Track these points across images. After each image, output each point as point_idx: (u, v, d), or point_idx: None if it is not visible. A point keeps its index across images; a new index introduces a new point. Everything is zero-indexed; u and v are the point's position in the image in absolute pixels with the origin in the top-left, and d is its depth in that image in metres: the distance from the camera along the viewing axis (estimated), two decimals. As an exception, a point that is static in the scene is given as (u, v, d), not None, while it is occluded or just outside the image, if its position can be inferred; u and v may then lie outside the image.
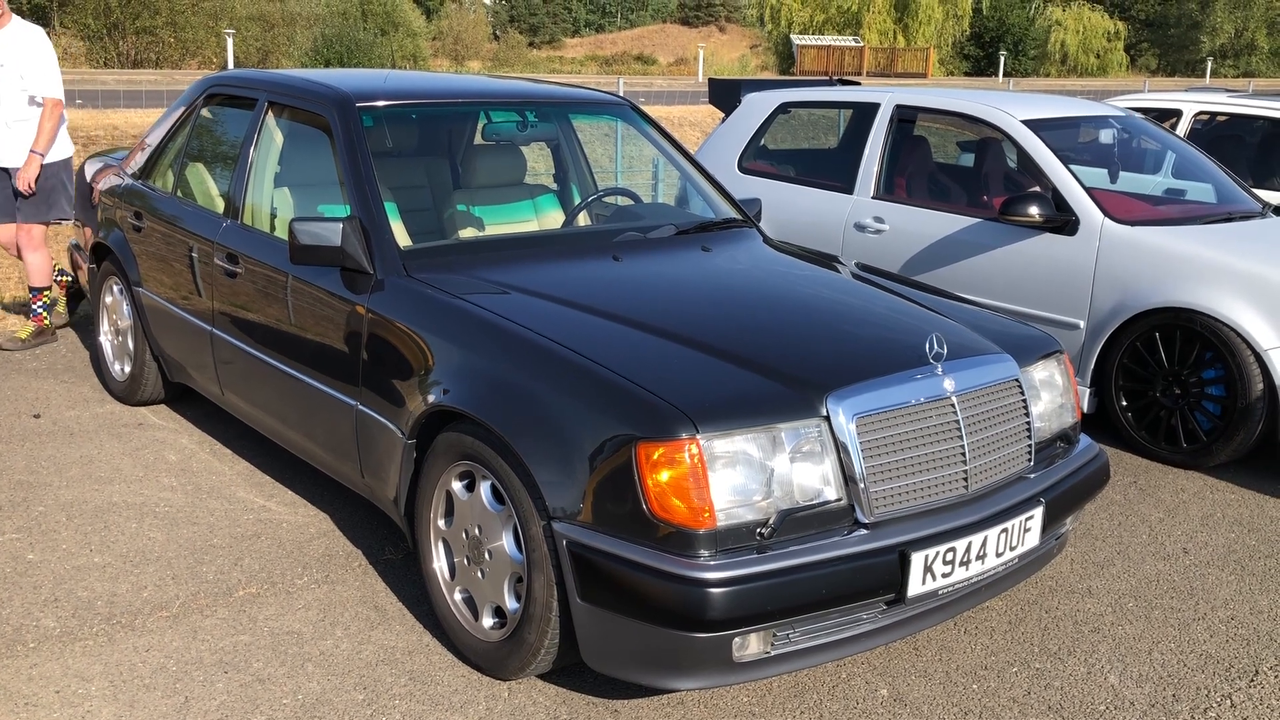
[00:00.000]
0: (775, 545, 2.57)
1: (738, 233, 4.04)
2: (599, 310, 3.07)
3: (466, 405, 2.89)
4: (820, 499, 2.65)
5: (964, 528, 2.78)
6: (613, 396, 2.65)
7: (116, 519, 3.86)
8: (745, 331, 3.01)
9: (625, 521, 2.57)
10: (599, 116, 4.69)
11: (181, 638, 3.11)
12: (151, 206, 4.64)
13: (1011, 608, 3.40)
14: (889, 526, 2.70)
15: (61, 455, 4.41)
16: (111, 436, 4.63)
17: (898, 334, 3.07)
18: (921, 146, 5.93)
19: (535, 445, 2.72)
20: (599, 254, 3.59)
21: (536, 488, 2.70)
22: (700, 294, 3.32)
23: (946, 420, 2.82)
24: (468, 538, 2.98)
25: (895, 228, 5.51)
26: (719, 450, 2.56)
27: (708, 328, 3.00)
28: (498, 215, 4.36)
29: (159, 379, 4.83)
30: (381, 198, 3.52)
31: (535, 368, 2.82)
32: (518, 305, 3.13)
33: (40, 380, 5.36)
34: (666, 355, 2.83)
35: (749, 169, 6.30)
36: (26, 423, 4.77)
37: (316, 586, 3.42)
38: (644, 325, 2.98)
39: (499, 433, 2.78)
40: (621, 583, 2.56)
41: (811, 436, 2.66)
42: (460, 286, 3.25)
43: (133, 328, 4.83)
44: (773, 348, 2.90)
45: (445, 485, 3.04)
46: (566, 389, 2.73)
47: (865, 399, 2.71)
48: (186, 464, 4.36)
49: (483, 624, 2.96)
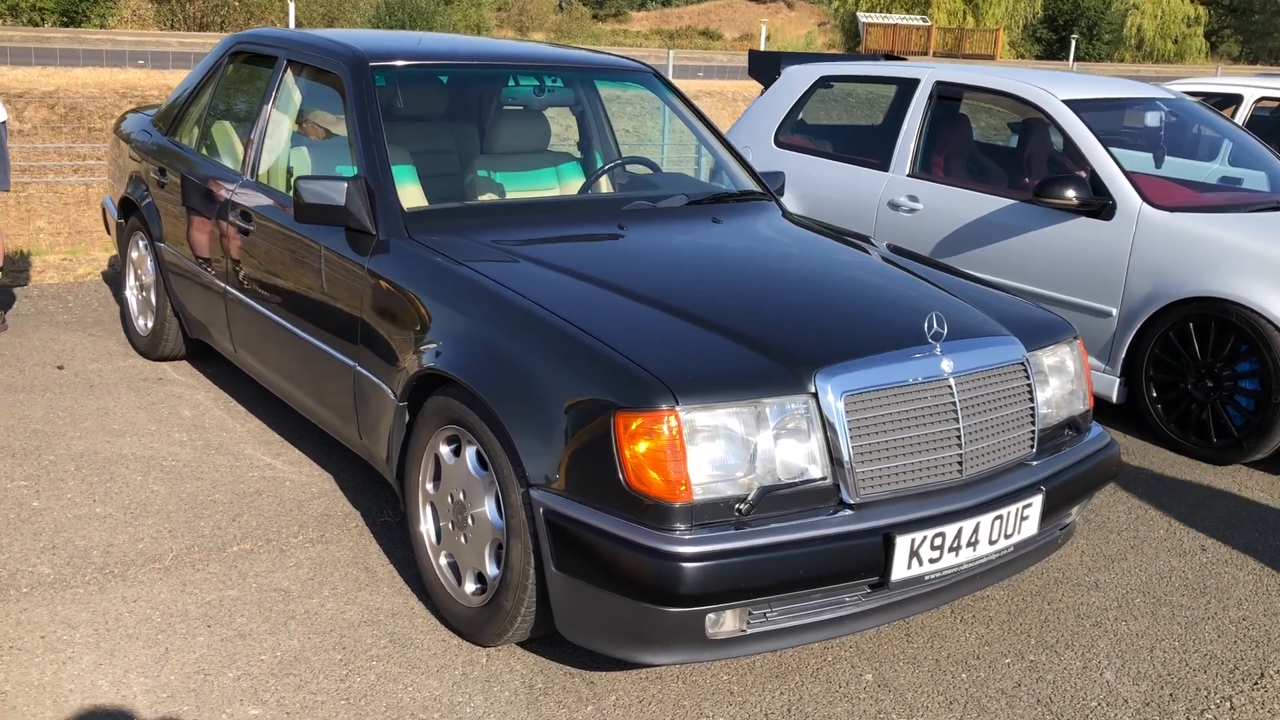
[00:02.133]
0: (754, 522, 2.52)
1: (754, 205, 3.96)
2: (593, 278, 3.02)
3: (453, 368, 2.86)
4: (804, 477, 2.58)
5: (956, 513, 2.70)
6: (594, 364, 2.60)
7: (123, 471, 3.89)
8: (739, 304, 2.94)
9: (602, 491, 2.52)
10: (622, 83, 4.61)
11: (170, 590, 3.12)
12: (174, 163, 4.65)
13: (1013, 597, 3.31)
14: (875, 508, 2.63)
15: (79, 406, 4.46)
16: (130, 390, 4.67)
17: (898, 312, 2.98)
18: (962, 125, 5.79)
19: (517, 411, 2.68)
20: (604, 222, 3.54)
21: (516, 454, 2.67)
22: (700, 265, 3.25)
23: (942, 402, 2.74)
24: (453, 502, 2.95)
25: (929, 207, 5.38)
26: (699, 423, 2.50)
27: (701, 299, 2.93)
28: (519, 182, 4.32)
29: (179, 335, 4.87)
30: (388, 158, 3.49)
31: (521, 333, 2.78)
32: (513, 270, 3.09)
33: (68, 332, 5.43)
34: (655, 325, 2.77)
35: (785, 143, 6.20)
36: (49, 374, 4.83)
37: (310, 545, 3.42)
38: (636, 294, 2.92)
39: (482, 397, 2.74)
40: (595, 553, 2.52)
41: (797, 413, 2.59)
42: (458, 250, 3.21)
43: (155, 283, 4.86)
44: (765, 322, 2.83)
45: (433, 449, 3.02)
46: (549, 355, 2.68)
47: (854, 377, 2.64)
48: (200, 420, 4.39)
49: (465, 589, 2.94)
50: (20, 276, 6.50)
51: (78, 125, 11.44)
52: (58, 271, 6.69)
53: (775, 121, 6.27)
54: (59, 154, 10.59)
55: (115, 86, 12.60)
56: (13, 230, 9.17)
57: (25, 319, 5.61)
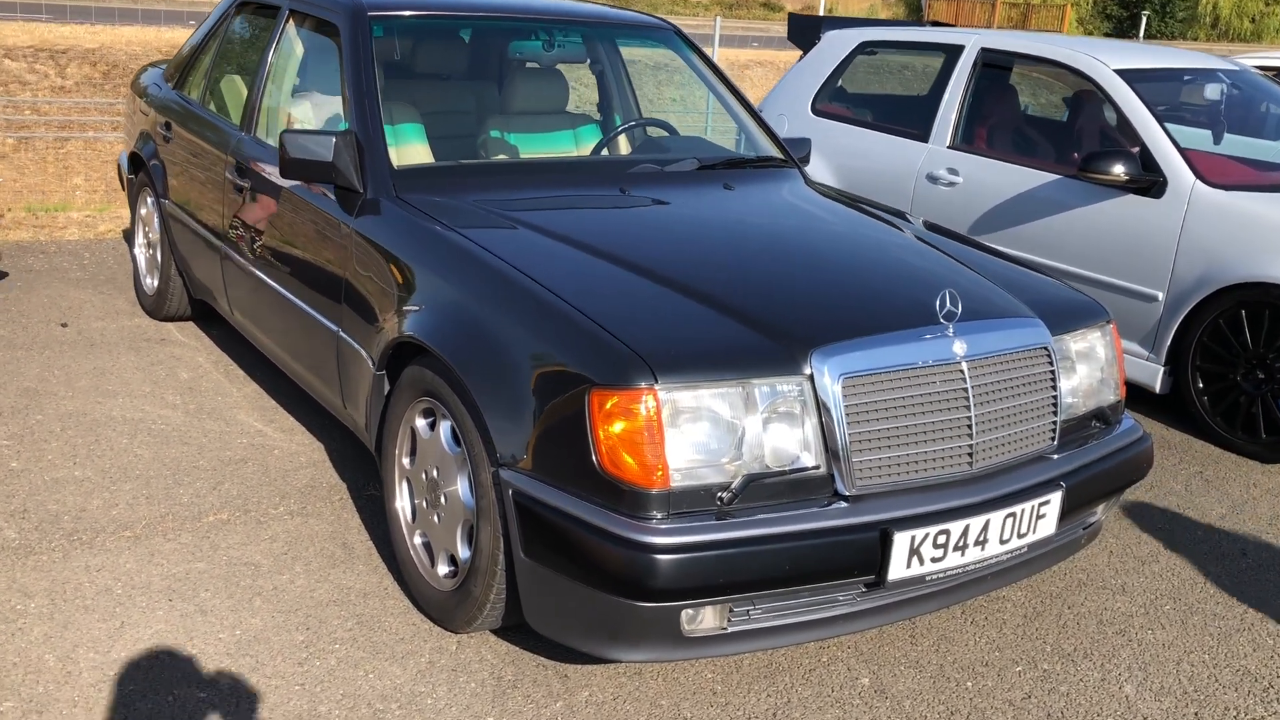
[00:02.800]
0: (738, 513, 2.31)
1: (773, 172, 3.73)
2: (583, 244, 2.82)
3: (425, 336, 2.68)
4: (795, 465, 2.37)
5: (963, 509, 2.47)
6: (570, 336, 2.40)
7: (109, 433, 3.76)
8: (737, 276, 2.72)
9: (574, 474, 2.33)
10: (643, 41, 4.38)
11: (136, 560, 2.98)
12: (179, 117, 4.51)
13: (1030, 599, 3.08)
14: (872, 501, 2.41)
15: (76, 365, 4.35)
16: (130, 350, 4.55)
17: (910, 289, 2.75)
18: (1008, 96, 5.49)
19: (488, 385, 2.49)
20: (606, 185, 3.33)
21: (487, 431, 2.48)
22: (702, 233, 3.03)
23: (952, 387, 2.51)
24: (427, 479, 2.78)
25: (969, 180, 5.11)
26: (681, 403, 2.29)
27: (696, 269, 2.72)
28: (535, 143, 4.11)
29: (184, 295, 4.74)
30: (380, 113, 3.30)
31: (495, 299, 2.59)
32: (498, 234, 2.89)
33: (79, 289, 5.33)
34: (641, 296, 2.56)
35: (822, 111, 5.93)
36: (52, 330, 4.72)
37: (289, 518, 3.27)
38: (627, 262, 2.71)
39: (453, 367, 2.56)
40: (565, 540, 2.33)
41: (790, 395, 2.38)
42: (445, 212, 3.02)
43: (160, 241, 4.73)
44: (762, 296, 2.61)
45: (410, 421, 2.84)
46: (523, 324, 2.49)
47: (854, 358, 2.41)
48: (196, 383, 4.26)
49: (438, 571, 2.77)
50: (41, 231, 6.43)
51: (119, 83, 11.39)
52: (79, 228, 6.61)
53: (813, 88, 6.01)
54: (99, 110, 10.55)
55: (159, 45, 12.53)
56: (50, 187, 9.13)
57: (38, 275, 5.52)
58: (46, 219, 6.78)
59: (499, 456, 2.45)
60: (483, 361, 2.52)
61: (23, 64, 11.53)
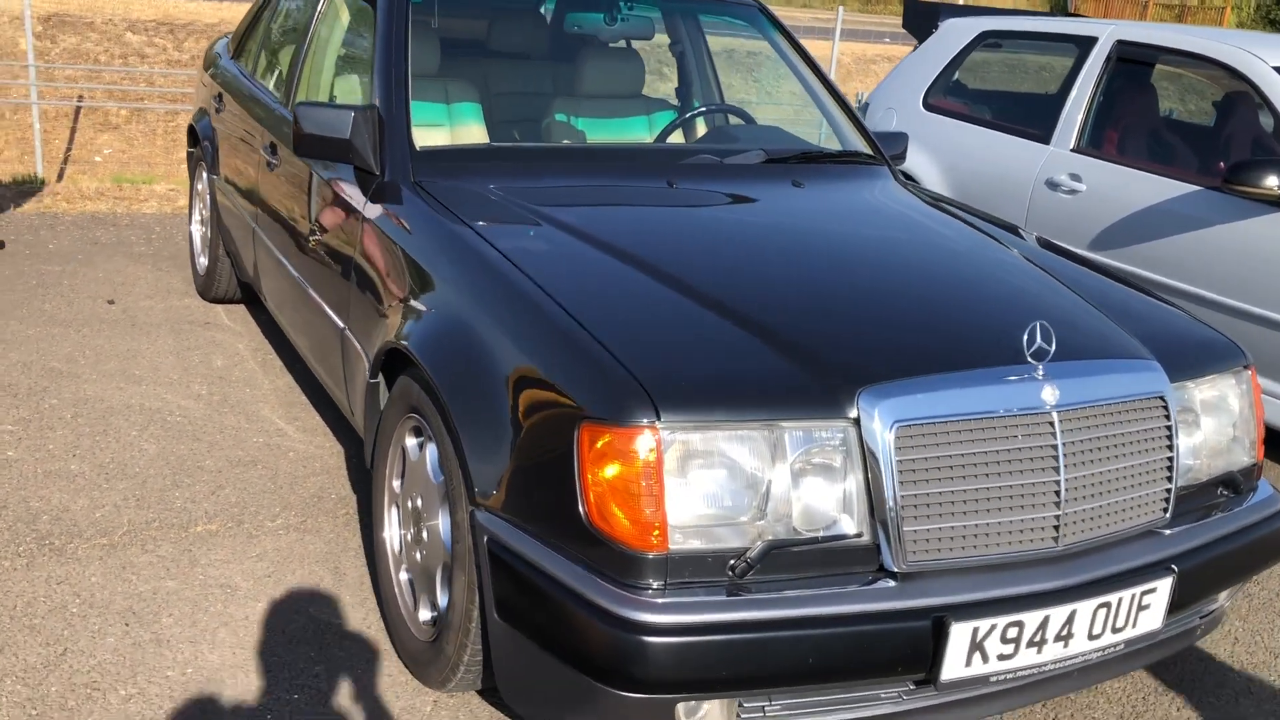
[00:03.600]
0: (755, 586, 1.87)
1: (857, 169, 3.25)
2: (607, 244, 2.40)
3: (413, 345, 2.30)
4: (832, 530, 1.92)
5: (1043, 596, 1.99)
6: (563, 354, 1.99)
7: (120, 424, 3.49)
8: (781, 291, 2.27)
9: (557, 525, 1.93)
10: (721, 17, 3.94)
11: (104, 573, 2.69)
12: (230, 88, 4.24)
13: (1129, 694, 2.56)
14: (926, 581, 1.94)
15: (109, 346, 4.11)
16: (171, 332, 4.31)
17: (994, 317, 2.26)
18: (1145, 95, 4.87)
19: (471, 407, 2.10)
20: (653, 176, 2.90)
21: (466, 463, 2.09)
22: (751, 237, 2.59)
23: (1038, 443, 2.02)
24: (411, 509, 2.41)
25: (1094, 189, 4.52)
26: (689, 446, 1.87)
27: (733, 281, 2.28)
28: (604, 129, 3.71)
29: (232, 276, 4.48)
30: (408, 87, 2.93)
31: (490, 306, 2.20)
32: (512, 230, 2.50)
33: (138, 265, 5.13)
34: (658, 309, 2.14)
35: (935, 106, 5.39)
36: (97, 307, 4.51)
37: (284, 533, 2.94)
38: (651, 268, 2.29)
39: (436, 385, 2.17)
40: (541, 604, 1.92)
41: (830, 443, 1.93)
42: (461, 201, 2.64)
43: (210, 218, 4.48)
44: (807, 316, 2.16)
45: (401, 440, 2.47)
46: (514, 336, 2.09)
47: (913, 400, 1.95)
48: (228, 372, 3.98)
49: (419, 616, 2.39)
50: (120, 204, 6.29)
51: (233, 57, 11.41)
52: (159, 201, 6.46)
53: (926, 81, 5.47)
54: (209, 85, 10.55)
55: (279, 22, 12.54)
56: (156, 159, 9.11)
57: (102, 249, 5.34)
58: (130, 191, 6.67)
59: (477, 494, 2.06)
60: (467, 379, 2.13)
61: (143, 37, 11.61)
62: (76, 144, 9.54)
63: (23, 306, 4.44)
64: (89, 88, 10.40)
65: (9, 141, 9.36)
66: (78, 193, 6.45)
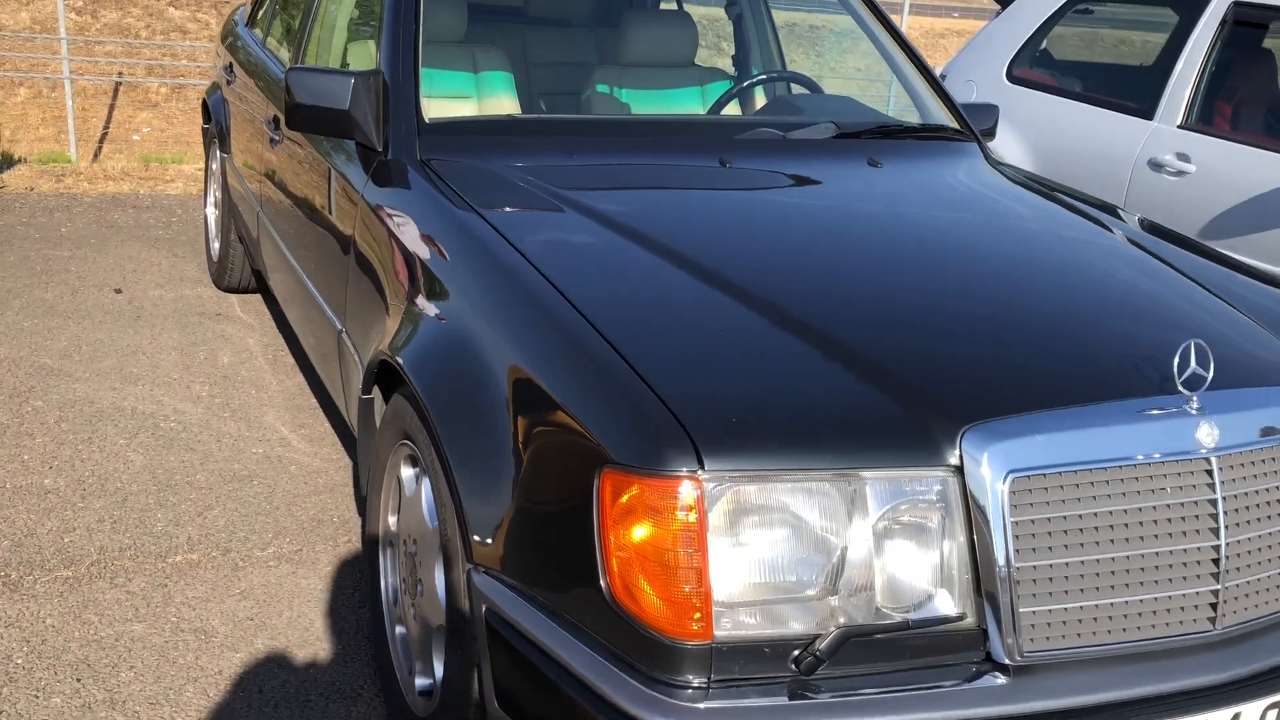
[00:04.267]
0: (825, 685, 1.45)
1: (944, 146, 2.79)
2: (644, 237, 1.97)
3: (404, 359, 1.89)
4: (926, 611, 1.49)
5: (1197, 695, 1.54)
6: (583, 380, 1.57)
7: (107, 430, 3.14)
8: (863, 304, 1.83)
9: (572, 597, 1.51)
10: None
11: (63, 614, 2.32)
12: (240, 58, 3.86)
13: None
14: (1048, 677, 1.50)
15: (109, 341, 3.76)
16: (177, 325, 3.95)
17: (1132, 336, 1.80)
18: (1265, 64, 4.33)
19: (467, 440, 1.69)
20: (702, 154, 2.46)
21: (463, 512, 1.68)
22: (823, 231, 2.15)
23: (1193, 497, 1.56)
24: (405, 554, 2.00)
25: (1205, 170, 4.00)
26: (741, 501, 1.44)
27: (801, 288, 1.84)
28: (651, 101, 3.28)
29: (245, 263, 4.11)
30: (417, 52, 2.51)
31: (496, 317, 1.78)
32: (530, 218, 2.09)
33: (153, 250, 4.79)
34: (705, 324, 1.71)
35: (1020, 78, 4.88)
36: (103, 297, 4.17)
37: (275, 565, 2.56)
38: (697, 268, 1.86)
39: (429, 410, 1.76)
40: (550, 698, 1.51)
41: (924, 497, 1.49)
42: (474, 183, 2.22)
43: (223, 200, 4.12)
44: (898, 337, 1.72)
45: (395, 469, 2.07)
46: (526, 357, 1.67)
47: (1032, 444, 1.50)
48: (234, 371, 3.61)
49: (415, 682, 1.99)
50: (144, 184, 5.97)
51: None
52: (185, 182, 6.12)
53: (1010, 50, 4.95)
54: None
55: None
56: (195, 138, 8.81)
57: (118, 231, 5.01)
58: (156, 170, 6.35)
59: (475, 549, 1.65)
60: (466, 405, 1.72)
61: (185, 13, 11.34)
62: (115, 122, 9.27)
63: (22, 295, 4.11)
64: (129, 63, 10.14)
65: (45, 119, 9.12)
66: (102, 173, 6.15)
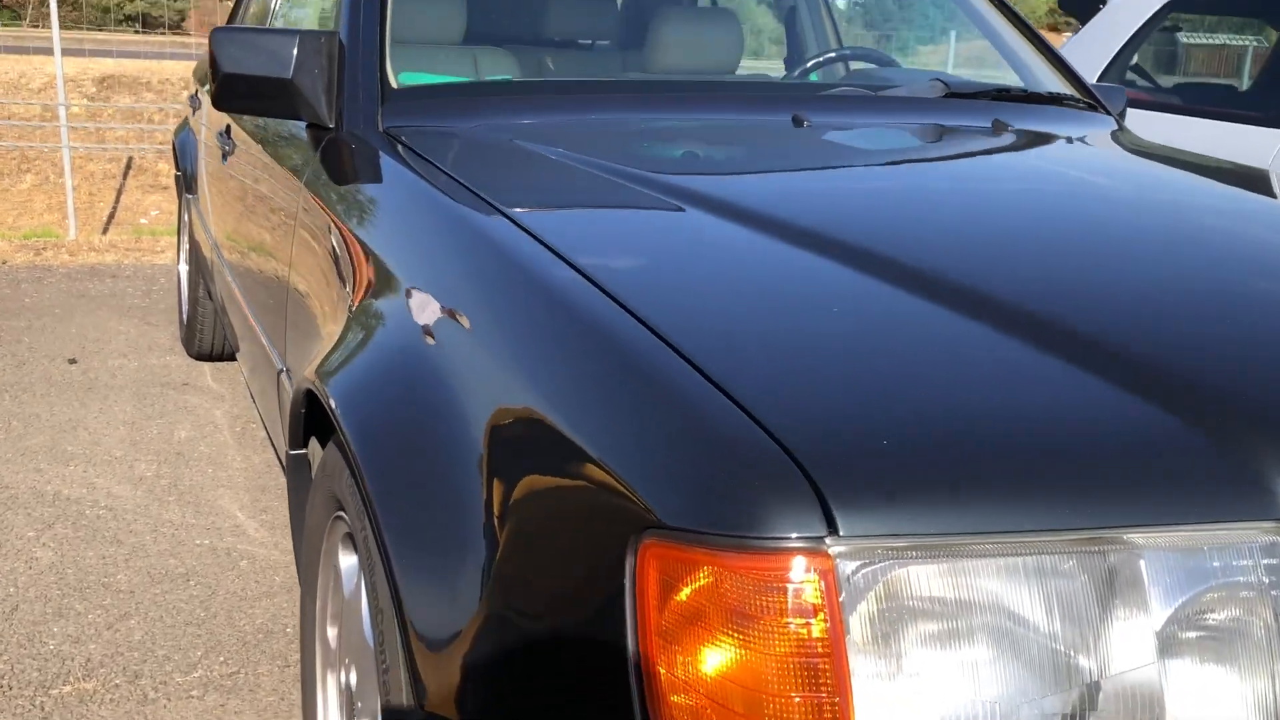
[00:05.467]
0: None
1: (1074, 114, 2.12)
2: (704, 198, 1.31)
3: (330, 384, 1.24)
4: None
5: None
6: (612, 398, 0.90)
7: (17, 520, 2.49)
8: (1075, 282, 1.16)
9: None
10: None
11: (-118, 775, 1.64)
12: (205, 83, 3.29)
13: None
14: None
15: (46, 415, 3.14)
16: (133, 397, 3.32)
17: None
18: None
19: (414, 509, 1.02)
20: (770, 109, 1.81)
21: (406, 625, 1.00)
22: (958, 195, 1.48)
23: None
24: (341, 685, 1.32)
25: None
26: (904, 590, 0.75)
27: (969, 263, 1.18)
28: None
29: (217, 322, 3.49)
30: (385, 17, 1.89)
31: (488, 326, 1.11)
32: (535, 178, 1.44)
33: (124, 320, 4.19)
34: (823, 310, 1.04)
35: (1110, 97, 4.24)
36: (53, 368, 3.56)
37: (198, 695, 1.87)
38: (800, 235, 1.19)
39: (359, 464, 1.09)
40: None
41: (1249, 578, 0.79)
42: (453, 149, 1.59)
43: (189, 248, 3.53)
44: (1147, 330, 1.04)
45: (332, 556, 1.39)
46: (528, 376, 1.00)
47: None
48: (191, 447, 2.96)
49: None
50: (131, 254, 5.42)
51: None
52: (173, 252, 5.56)
53: (1097, 65, 4.32)
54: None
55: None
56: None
57: (88, 301, 4.43)
58: (148, 242, 5.80)
59: (420, 689, 0.97)
60: (415, 453, 1.05)
61: (202, 97, 11.03)
62: (123, 205, 8.84)
63: (-42, 368, 3.51)
64: (139, 149, 9.76)
65: (50, 205, 8.70)
66: (87, 244, 5.61)
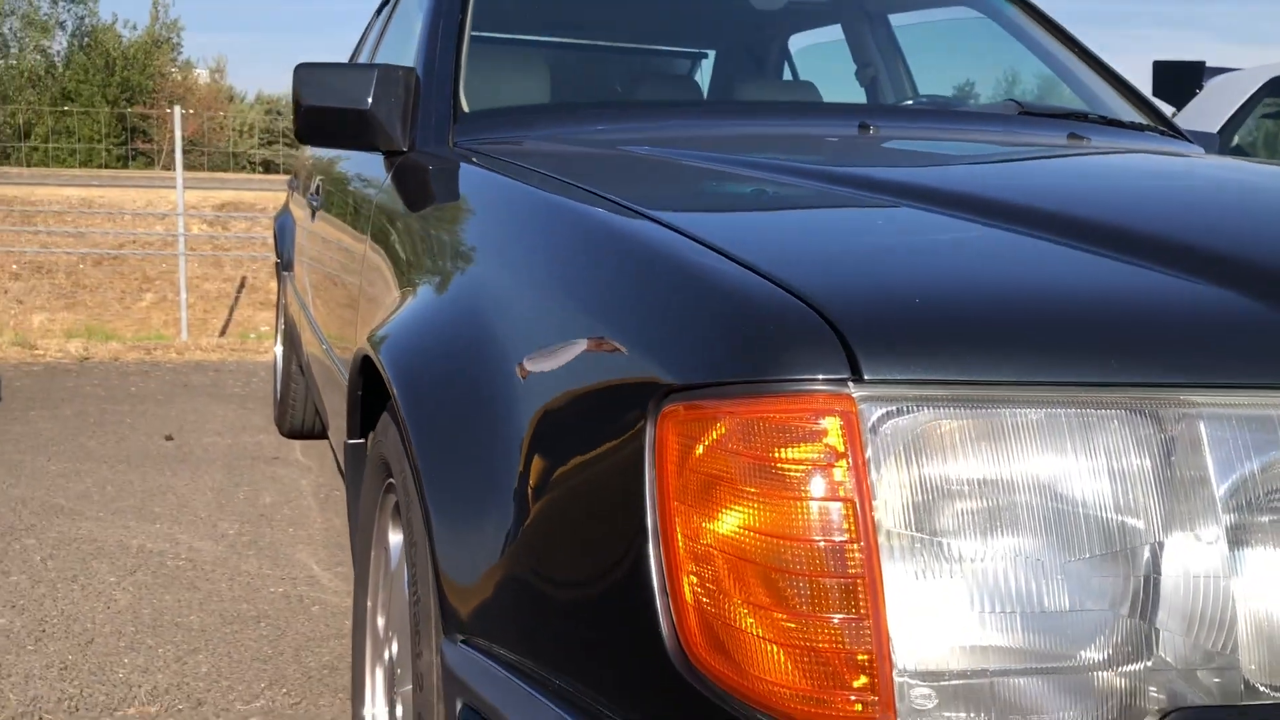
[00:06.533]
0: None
1: (1155, 138, 2.07)
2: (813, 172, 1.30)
3: (383, 349, 1.23)
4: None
5: None
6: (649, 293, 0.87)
7: (99, 568, 2.51)
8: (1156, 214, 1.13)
9: (611, 673, 0.76)
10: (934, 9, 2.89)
11: (-59, 782, 1.63)
12: (308, 160, 3.42)
13: None
14: None
15: (139, 482, 3.20)
16: (223, 469, 3.37)
17: None
18: None
19: (450, 443, 1.00)
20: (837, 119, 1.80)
21: (433, 542, 0.96)
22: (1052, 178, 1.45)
23: None
24: (389, 658, 1.28)
25: None
26: (939, 438, 0.70)
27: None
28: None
29: (308, 398, 3.55)
30: (462, 48, 1.94)
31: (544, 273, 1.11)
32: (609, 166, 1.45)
33: (222, 404, 4.30)
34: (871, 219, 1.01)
35: (1208, 177, 4.14)
36: (151, 443, 3.65)
37: (257, 722, 1.84)
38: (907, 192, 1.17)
39: (398, 405, 1.08)
40: None
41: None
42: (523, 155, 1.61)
43: (284, 324, 3.62)
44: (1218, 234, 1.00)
45: (383, 536, 1.36)
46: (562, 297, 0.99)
47: None
48: (275, 509, 2.99)
49: None
50: (235, 354, 5.59)
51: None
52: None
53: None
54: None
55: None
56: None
57: (188, 390, 4.56)
58: (253, 345, 5.99)
59: (451, 612, 0.92)
60: (457, 398, 1.03)
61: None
62: (234, 321, 9.20)
63: (64, 442, 3.62)
64: (254, 270, 10.19)
65: (167, 321, 9.09)
66: (194, 345, 5.81)
